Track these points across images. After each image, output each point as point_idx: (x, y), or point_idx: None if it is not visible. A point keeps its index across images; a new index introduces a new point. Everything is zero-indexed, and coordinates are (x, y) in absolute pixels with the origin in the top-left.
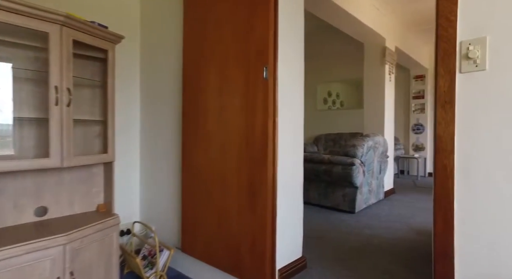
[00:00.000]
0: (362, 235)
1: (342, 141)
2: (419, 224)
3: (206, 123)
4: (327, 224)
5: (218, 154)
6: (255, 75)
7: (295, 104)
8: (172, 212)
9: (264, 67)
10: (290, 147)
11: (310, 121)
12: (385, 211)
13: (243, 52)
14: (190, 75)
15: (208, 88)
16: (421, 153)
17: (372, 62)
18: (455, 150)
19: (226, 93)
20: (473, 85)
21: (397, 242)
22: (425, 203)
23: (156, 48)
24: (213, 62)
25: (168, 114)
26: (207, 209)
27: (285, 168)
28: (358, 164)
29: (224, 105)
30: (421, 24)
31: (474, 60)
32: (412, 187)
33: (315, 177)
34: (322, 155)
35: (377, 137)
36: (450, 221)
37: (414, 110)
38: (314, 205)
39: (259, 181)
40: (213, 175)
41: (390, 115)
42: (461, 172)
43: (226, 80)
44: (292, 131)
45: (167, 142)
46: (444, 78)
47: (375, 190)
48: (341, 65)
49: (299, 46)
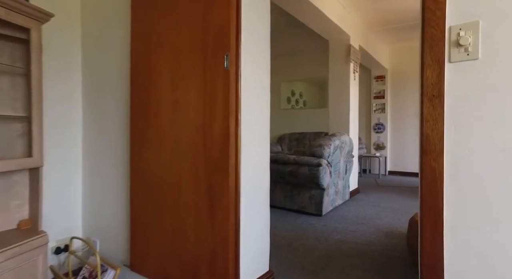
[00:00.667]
0: (331, 240)
1: (306, 140)
2: (386, 225)
3: (158, 121)
4: (294, 229)
5: (171, 157)
6: (213, 64)
7: (261, 98)
8: (120, 223)
9: (225, 54)
10: (255, 148)
11: (274, 120)
12: (352, 212)
13: (199, 37)
14: (139, 65)
15: (160, 79)
16: (381, 152)
17: (337, 60)
18: (444, 150)
19: (180, 85)
20: (464, 77)
21: (367, 247)
22: (389, 202)
23: (102, 33)
24: (165, 50)
25: (116, 111)
26: (159, 220)
27: (250, 172)
28: (325, 164)
29: (178, 100)
30: (383, 24)
31: (465, 47)
32: (375, 186)
33: (281, 179)
34: (287, 156)
35: (343, 136)
36: (439, 231)
37: (375, 110)
38: (280, 208)
39: (219, 187)
40: (166, 181)
41: (355, 114)
42: (452, 175)
43: (180, 70)
44: (258, 129)
45: (114, 143)
46: (432, 68)
47: (341, 191)
48: (305, 64)
49: (265, 31)
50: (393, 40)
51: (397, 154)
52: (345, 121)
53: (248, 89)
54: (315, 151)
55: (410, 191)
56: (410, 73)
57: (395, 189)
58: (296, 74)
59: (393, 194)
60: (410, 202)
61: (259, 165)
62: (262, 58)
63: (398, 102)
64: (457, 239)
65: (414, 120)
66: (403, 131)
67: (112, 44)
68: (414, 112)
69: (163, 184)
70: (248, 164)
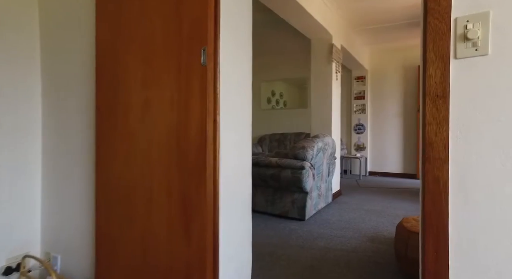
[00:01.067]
0: (315, 248)
1: (287, 141)
2: (371, 229)
3: (127, 123)
4: (277, 236)
5: (142, 162)
6: (189, 59)
7: (242, 97)
8: (84, 236)
9: (202, 48)
10: (236, 152)
11: (254, 121)
12: (335, 216)
13: (173, 28)
14: (105, 60)
15: (129, 76)
16: (362, 152)
17: (319, 59)
18: (449, 158)
19: (152, 83)
20: (471, 75)
21: (353, 254)
22: (371, 204)
23: (64, 26)
24: (135, 43)
25: (80, 113)
26: (129, 233)
27: (230, 179)
28: (308, 167)
29: (149, 99)
30: (363, 24)
31: (473, 42)
32: (356, 187)
33: (262, 182)
34: (269, 158)
35: (326, 138)
36: (444, 250)
37: (356, 111)
38: (261, 213)
39: (196, 196)
40: (136, 189)
41: (337, 114)
42: (458, 187)
43: (151, 66)
44: (238, 131)
45: (78, 149)
46: (436, 65)
47: (324, 194)
48: (285, 64)
49: (246, 25)
50: (374, 41)
51: (377, 154)
52: (328, 122)
53: (228, 87)
54: (298, 153)
55: (390, 192)
56: (389, 74)
57: (376, 190)
58: (277, 74)
59: (374, 196)
60: (392, 204)
61: (240, 172)
62: (244, 54)
63: (377, 103)
64: (465, 260)
65: (393, 120)
66: (383, 132)
67: (75, 38)
68: (393, 112)
69: (133, 192)
70: (228, 171)
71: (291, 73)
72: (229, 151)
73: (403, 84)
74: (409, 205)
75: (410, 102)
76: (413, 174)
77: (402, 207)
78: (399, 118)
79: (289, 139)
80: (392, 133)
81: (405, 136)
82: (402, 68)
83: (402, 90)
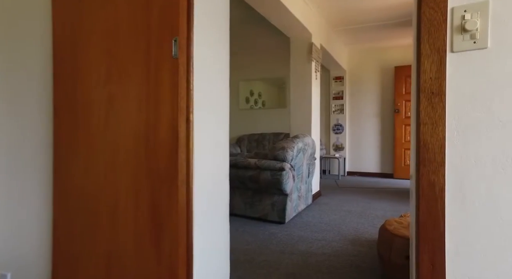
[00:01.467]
0: (296, 253)
1: (266, 141)
2: (352, 231)
3: (88, 123)
4: (256, 241)
5: (106, 167)
6: (159, 51)
7: (219, 93)
8: (41, 253)
9: (173, 39)
10: (212, 155)
11: (233, 121)
12: (316, 218)
13: (141, 16)
14: (64, 53)
15: (91, 70)
16: (340, 152)
17: (298, 58)
18: (446, 161)
19: (117, 77)
20: (470, 70)
21: (335, 258)
22: (351, 205)
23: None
24: (98, 33)
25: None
26: (91, 247)
27: (206, 184)
28: (288, 168)
29: (114, 96)
30: (342, 24)
31: (471, 34)
32: (335, 188)
33: (240, 184)
34: (248, 160)
35: (306, 138)
36: (440, 264)
37: (334, 111)
38: (240, 217)
39: (167, 206)
40: (100, 199)
41: (316, 114)
42: (455, 193)
43: (116, 58)
44: (215, 131)
45: (34, 153)
46: (431, 59)
47: (304, 195)
48: (264, 63)
49: (223, 14)
50: (353, 41)
51: (355, 154)
52: (307, 122)
53: (203, 83)
54: (277, 154)
55: (369, 192)
56: (367, 75)
57: (355, 191)
58: (255, 74)
59: (353, 196)
60: (371, 205)
61: (217, 176)
62: (221, 47)
63: (355, 103)
64: (464, 273)
65: (370, 121)
66: (361, 132)
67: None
68: (371, 113)
69: (96, 203)
70: (204, 176)
71: (270, 72)
72: (204, 153)
73: (380, 85)
74: (388, 205)
75: (387, 102)
76: (390, 173)
77: (381, 208)
78: (377, 119)
79: (268, 139)
80: (370, 133)
81: (382, 136)
82: (379, 69)
83: (379, 91)
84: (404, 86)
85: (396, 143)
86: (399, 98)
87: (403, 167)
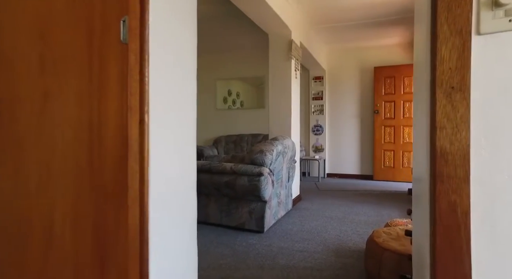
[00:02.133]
0: (277, 267)
1: (244, 143)
2: (334, 240)
3: (16, 124)
4: (232, 255)
5: (39, 182)
6: (104, 34)
7: (183, 88)
8: None
9: (122, 19)
10: (174, 162)
11: (210, 121)
12: (296, 225)
13: None
14: None
15: (20, 60)
16: (320, 154)
17: (277, 56)
18: (471, 176)
19: (52, 69)
20: (503, 57)
21: (318, 273)
22: (332, 210)
23: None
24: (28, 11)
25: None
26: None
27: (166, 197)
28: (266, 173)
29: (49, 91)
30: (323, 22)
31: (506, 9)
32: (316, 191)
33: (215, 191)
34: (223, 164)
35: (286, 140)
36: None
37: (314, 111)
38: (215, 226)
39: (115, 228)
40: (31, 221)
41: (296, 115)
42: (484, 217)
43: (51, 43)
44: (177, 135)
45: None
46: (450, 43)
47: (284, 201)
48: (242, 62)
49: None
50: (332, 40)
51: (335, 156)
52: (287, 123)
53: (161, 75)
54: (255, 158)
55: (350, 195)
56: (346, 75)
57: (335, 194)
58: (233, 72)
59: (334, 199)
60: (353, 209)
61: (181, 188)
62: (186, 29)
63: (335, 104)
64: None
65: (350, 121)
66: (340, 133)
67: None
68: (350, 114)
69: (24, 226)
70: (163, 187)
71: (248, 71)
72: (164, 161)
73: (360, 85)
74: (370, 210)
75: (366, 103)
76: (369, 175)
77: (363, 212)
78: (356, 119)
79: (246, 140)
80: (350, 134)
81: (361, 137)
82: (359, 69)
83: (358, 91)
84: (384, 86)
85: (376, 144)
86: (378, 99)
87: (383, 169)
